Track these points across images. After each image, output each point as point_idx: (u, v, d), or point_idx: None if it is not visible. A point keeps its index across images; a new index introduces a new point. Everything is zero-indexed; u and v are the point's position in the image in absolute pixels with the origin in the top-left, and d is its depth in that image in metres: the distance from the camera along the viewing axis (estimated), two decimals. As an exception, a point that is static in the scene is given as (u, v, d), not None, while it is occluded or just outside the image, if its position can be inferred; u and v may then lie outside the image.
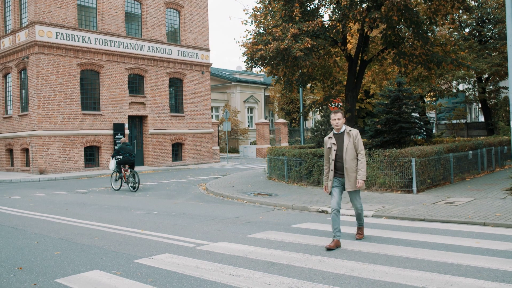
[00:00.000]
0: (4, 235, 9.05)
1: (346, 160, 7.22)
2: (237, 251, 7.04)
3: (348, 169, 7.23)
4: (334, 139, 7.40)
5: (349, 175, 7.23)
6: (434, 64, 17.19)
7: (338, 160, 7.32)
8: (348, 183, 7.25)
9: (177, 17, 31.81)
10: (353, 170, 7.23)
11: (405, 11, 14.68)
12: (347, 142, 7.28)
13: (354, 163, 7.25)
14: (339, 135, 7.38)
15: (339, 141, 7.34)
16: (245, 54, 16.49)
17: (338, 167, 7.33)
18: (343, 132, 7.37)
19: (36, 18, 24.57)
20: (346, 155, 7.22)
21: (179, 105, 31.65)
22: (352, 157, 7.23)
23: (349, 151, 7.25)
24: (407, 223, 9.13)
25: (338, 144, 7.33)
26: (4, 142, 27.72)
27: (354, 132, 7.35)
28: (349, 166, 7.22)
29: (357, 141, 7.30)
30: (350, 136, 7.32)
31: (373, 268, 5.91)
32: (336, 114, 7.34)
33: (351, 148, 7.26)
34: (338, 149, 7.32)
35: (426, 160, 13.36)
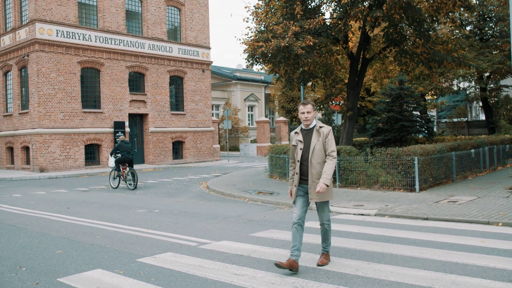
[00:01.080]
0: (5, 234, 9.01)
1: (312, 164, 5.93)
2: (240, 250, 6.99)
3: (313, 175, 5.91)
4: (301, 135, 6.14)
5: (315, 182, 5.91)
6: (435, 63, 17.13)
7: (303, 162, 6.05)
8: (313, 191, 5.95)
9: (178, 15, 31.73)
10: (319, 176, 5.91)
11: (407, 9, 14.62)
12: (315, 141, 6.00)
13: (321, 168, 5.94)
14: (307, 131, 6.12)
15: (306, 138, 6.08)
16: (246, 51, 16.44)
17: (303, 171, 6.04)
18: (312, 129, 6.10)
19: (36, 15, 24.50)
20: (312, 157, 5.94)
21: (180, 103, 31.59)
22: (320, 160, 5.95)
23: (316, 152, 5.95)
24: (411, 221, 9.08)
25: (305, 142, 6.07)
26: (4, 140, 27.67)
27: (325, 130, 6.07)
28: (315, 171, 5.91)
29: (327, 140, 6.02)
30: (319, 134, 6.01)
31: (378, 268, 5.86)
32: (305, 106, 6.07)
33: (320, 149, 5.97)
34: (305, 148, 6.06)
35: (428, 158, 13.31)
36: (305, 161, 6.00)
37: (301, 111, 6.10)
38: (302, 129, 6.18)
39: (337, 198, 12.05)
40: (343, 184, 14.34)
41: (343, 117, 29.91)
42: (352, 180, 14.18)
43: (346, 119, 18.50)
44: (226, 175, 20.75)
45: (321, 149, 5.96)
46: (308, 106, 6.06)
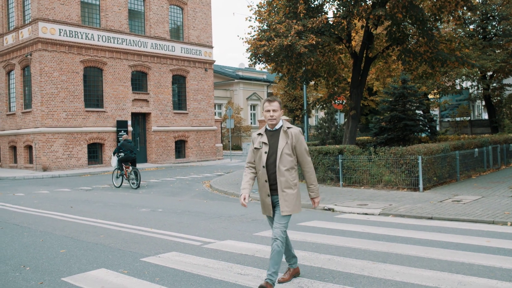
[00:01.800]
0: (9, 233, 9.00)
1: (280, 170, 5.10)
2: (244, 250, 6.97)
3: (282, 183, 5.10)
4: (265, 137, 5.25)
5: (284, 191, 5.10)
6: (438, 62, 17.06)
7: (268, 169, 5.17)
8: (283, 203, 5.10)
9: (180, 14, 31.71)
10: (289, 185, 5.13)
11: (410, 8, 14.57)
12: (283, 144, 5.14)
13: (290, 176, 5.13)
14: (273, 132, 5.24)
15: (272, 141, 5.21)
16: (249, 50, 16.40)
17: (270, 177, 5.19)
18: (279, 130, 5.23)
19: (39, 14, 24.50)
20: (280, 162, 5.09)
21: (182, 102, 31.58)
22: (288, 166, 5.11)
23: (284, 157, 5.11)
24: (415, 221, 9.05)
25: (271, 145, 5.19)
26: (7, 139, 27.69)
27: (294, 131, 5.21)
28: (284, 179, 5.10)
29: (298, 144, 5.19)
30: (287, 137, 5.17)
31: (384, 267, 5.83)
32: (271, 104, 5.20)
33: (288, 153, 5.13)
34: (270, 152, 5.18)
35: (432, 157, 13.27)
36: (271, 167, 5.14)
37: (266, 108, 5.21)
38: (267, 130, 5.29)
39: (341, 197, 12.02)
40: (346, 183, 14.31)
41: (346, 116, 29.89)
42: (356, 179, 14.15)
43: (349, 118, 18.46)
44: (229, 174, 20.73)
45: (289, 153, 5.13)
46: (274, 103, 5.19)
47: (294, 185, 5.16)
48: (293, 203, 5.14)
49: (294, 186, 5.15)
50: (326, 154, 14.93)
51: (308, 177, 5.31)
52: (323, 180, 15.03)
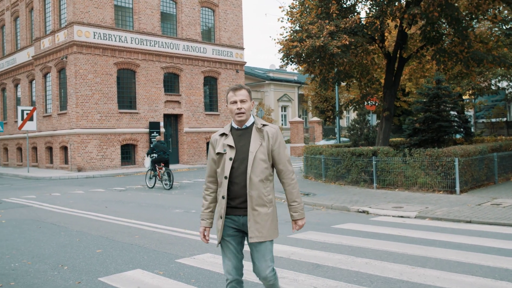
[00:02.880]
0: (47, 232, 9.16)
1: (252, 182, 3.72)
2: (279, 252, 6.91)
3: (254, 199, 3.72)
4: (231, 138, 3.86)
5: (257, 211, 3.73)
6: (474, 62, 16.64)
7: (235, 180, 3.78)
8: (254, 225, 3.73)
9: (212, 16, 31.88)
10: (263, 202, 3.75)
11: (445, 6, 14.26)
12: (256, 146, 3.78)
13: (264, 189, 3.76)
14: (242, 132, 3.88)
15: (241, 142, 3.83)
16: (281, 51, 16.35)
17: (234, 193, 3.79)
18: (251, 128, 3.88)
19: (74, 18, 24.99)
20: (252, 171, 3.73)
21: (214, 104, 31.74)
22: (262, 176, 3.76)
23: (258, 164, 3.75)
24: (453, 224, 8.83)
25: (240, 149, 3.81)
26: (44, 140, 28.32)
27: (271, 130, 3.87)
28: (256, 193, 3.73)
29: (277, 147, 3.85)
30: (262, 137, 3.83)
31: (423, 272, 5.69)
32: (238, 93, 3.86)
33: (263, 159, 3.78)
34: (239, 157, 3.79)
35: (469, 159, 12.96)
36: (239, 178, 3.74)
37: (232, 99, 3.85)
38: (233, 129, 3.91)
39: (375, 200, 11.85)
40: (380, 185, 14.10)
41: (378, 117, 29.47)
42: (390, 181, 13.93)
43: (382, 119, 18.20)
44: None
45: (265, 159, 3.77)
46: (241, 92, 3.85)
47: (269, 201, 3.77)
48: (267, 225, 3.72)
49: (269, 203, 3.77)
50: (359, 156, 14.75)
51: (289, 191, 3.90)
52: (357, 182, 14.85)
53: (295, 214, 3.95)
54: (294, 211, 3.96)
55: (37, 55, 28.55)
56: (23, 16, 31.17)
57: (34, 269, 6.44)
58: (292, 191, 3.93)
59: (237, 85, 3.95)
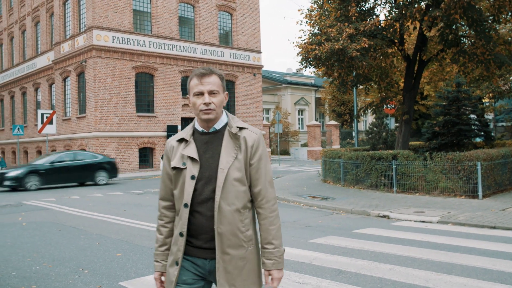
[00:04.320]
0: (67, 235, 9.19)
1: (223, 212, 2.53)
2: (301, 257, 6.81)
3: (224, 238, 2.53)
4: (194, 146, 2.66)
5: (229, 255, 2.54)
6: (495, 65, 16.37)
7: (198, 209, 2.58)
8: (224, 278, 2.54)
9: (229, 20, 31.93)
10: (239, 241, 2.56)
11: (467, 8, 14.06)
12: (229, 159, 2.58)
13: (242, 222, 2.58)
14: (209, 137, 2.68)
15: (207, 153, 2.64)
16: (300, 54, 16.27)
17: (200, 228, 2.58)
18: (222, 131, 2.68)
19: (93, 23, 25.21)
20: (222, 196, 2.54)
21: (231, 107, 31.75)
22: (238, 203, 2.57)
23: (231, 186, 2.56)
24: (476, 230, 8.65)
25: (204, 163, 2.62)
26: (63, 143, 28.58)
27: (251, 136, 2.64)
28: (228, 228, 2.54)
29: (256, 160, 2.63)
30: (239, 146, 2.62)
31: (449, 279, 5.55)
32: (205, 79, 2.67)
33: (238, 178, 2.58)
34: (203, 176, 2.59)
35: (492, 163, 12.73)
36: (205, 206, 2.56)
37: (196, 89, 2.68)
38: (196, 132, 2.74)
39: (395, 204, 11.69)
40: (400, 190, 13.92)
41: (397, 120, 29.17)
42: (410, 186, 13.74)
43: (401, 123, 18.00)
44: (278, 179, 20.60)
45: (241, 179, 2.58)
46: (211, 78, 2.66)
47: (248, 239, 2.59)
48: (244, 275, 2.56)
49: (247, 241, 2.59)
50: (379, 160, 14.59)
51: (265, 227, 2.62)
52: (376, 186, 14.68)
53: (267, 262, 2.59)
54: (267, 257, 2.59)
55: (57, 59, 28.86)
56: (43, 21, 31.56)
57: (55, 273, 6.44)
58: (269, 228, 2.61)
59: (205, 68, 2.70)
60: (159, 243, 2.77)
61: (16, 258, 7.33)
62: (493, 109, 34.44)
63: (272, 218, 2.63)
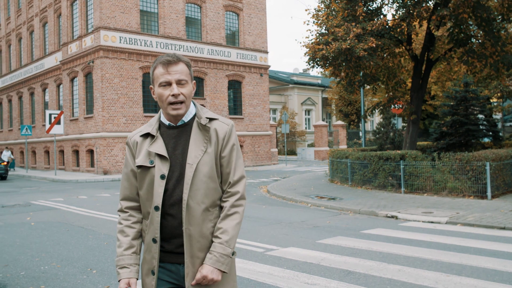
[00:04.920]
0: (75, 235, 9.21)
1: (191, 212, 2.33)
2: (309, 258, 6.79)
3: (194, 240, 2.33)
4: (161, 142, 2.44)
5: (198, 257, 2.34)
6: (504, 65, 16.25)
7: (170, 211, 2.36)
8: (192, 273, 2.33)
9: (236, 20, 31.94)
10: (209, 243, 2.38)
11: (476, 7, 13.97)
12: (198, 153, 2.38)
13: (212, 221, 2.40)
14: (177, 131, 2.46)
15: (176, 149, 2.43)
16: (307, 54, 16.24)
17: (172, 231, 2.37)
18: (190, 124, 2.47)
19: (101, 23, 25.29)
20: (190, 195, 2.33)
21: (238, 107, 31.75)
22: (208, 201, 2.38)
23: (200, 182, 2.35)
24: (486, 231, 8.59)
25: (174, 160, 2.40)
26: (70, 144, 28.70)
27: (222, 128, 2.45)
28: (197, 230, 2.34)
29: (227, 152, 2.44)
30: (209, 138, 2.42)
31: (459, 280, 5.51)
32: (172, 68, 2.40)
33: (208, 174, 2.37)
34: (173, 175, 2.38)
35: (501, 164, 12.65)
36: (176, 208, 2.36)
37: (162, 79, 2.41)
38: (163, 126, 2.52)
39: (403, 204, 11.63)
40: (408, 190, 13.86)
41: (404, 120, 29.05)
42: (418, 186, 13.67)
43: (409, 123, 17.91)
44: (285, 179, 20.58)
45: (212, 175, 2.39)
46: (178, 67, 2.42)
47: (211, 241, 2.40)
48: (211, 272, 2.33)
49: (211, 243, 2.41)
50: (387, 160, 14.54)
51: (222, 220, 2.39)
52: (384, 187, 14.62)
53: (208, 255, 2.34)
54: (210, 251, 2.35)
55: (65, 59, 28.98)
56: (51, 22, 31.69)
57: (64, 273, 6.46)
58: (223, 221, 2.37)
59: (171, 55, 2.45)
60: (125, 245, 2.46)
61: (25, 258, 7.36)
62: (501, 109, 34.22)
63: (231, 212, 2.39)
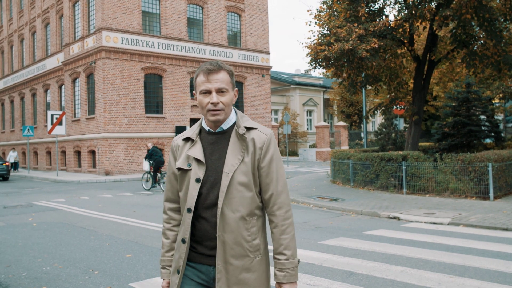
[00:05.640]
0: (77, 236, 9.21)
1: (226, 219, 2.35)
2: (311, 259, 6.78)
3: (228, 247, 2.35)
4: (200, 147, 2.47)
5: (232, 265, 2.35)
6: (506, 65, 16.22)
7: (204, 214, 2.41)
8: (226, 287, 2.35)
9: (238, 21, 31.95)
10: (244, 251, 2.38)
11: (479, 8, 13.95)
12: (234, 162, 2.39)
13: (248, 230, 2.40)
14: (216, 138, 2.48)
15: (214, 155, 2.45)
16: (309, 55, 16.23)
17: (205, 234, 2.41)
18: (230, 131, 2.48)
19: (103, 24, 25.31)
20: (226, 202, 2.36)
21: (240, 108, 31.73)
22: (244, 210, 2.38)
23: (236, 191, 2.37)
24: (488, 232, 8.57)
25: (210, 165, 2.44)
26: (72, 144, 28.72)
27: (260, 137, 2.45)
28: (232, 238, 2.36)
29: (266, 163, 2.43)
30: (246, 147, 2.42)
31: (462, 282, 5.49)
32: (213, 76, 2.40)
33: (244, 182, 2.38)
34: (209, 179, 2.42)
35: (503, 165, 12.63)
36: (210, 212, 2.40)
37: (203, 87, 2.42)
38: (203, 131, 2.54)
39: (406, 205, 11.61)
40: (410, 191, 13.83)
41: (406, 121, 29.01)
42: (420, 187, 13.65)
43: (411, 123, 17.89)
44: (287, 180, 20.54)
45: (248, 183, 2.40)
46: (220, 75, 2.41)
47: (255, 249, 2.41)
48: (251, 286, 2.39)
49: (255, 251, 2.41)
50: (389, 161, 14.51)
51: (277, 236, 2.44)
52: (386, 187, 14.60)
53: (279, 274, 2.40)
54: (279, 268, 2.40)
55: (67, 60, 29.01)
56: (53, 23, 31.73)
57: (66, 273, 6.45)
58: (281, 237, 2.42)
59: (213, 63, 2.43)
60: (166, 248, 2.59)
61: (27, 258, 7.35)
62: (504, 110, 34.21)
63: (285, 227, 2.44)
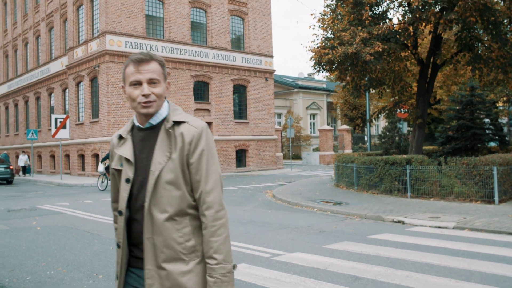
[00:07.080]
0: (81, 239, 9.20)
1: (155, 220, 2.19)
2: (316, 263, 6.75)
3: (157, 248, 2.19)
4: (130, 145, 2.33)
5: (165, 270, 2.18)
6: (510, 68, 16.18)
7: (136, 216, 2.27)
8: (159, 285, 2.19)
9: (241, 24, 31.99)
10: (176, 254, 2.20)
11: (484, 10, 13.91)
12: (162, 159, 2.21)
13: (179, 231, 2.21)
14: (145, 134, 2.32)
15: (143, 153, 2.29)
16: (313, 58, 16.23)
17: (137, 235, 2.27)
18: (158, 127, 2.30)
19: (107, 28, 25.38)
20: (153, 202, 2.20)
21: (243, 112, 31.75)
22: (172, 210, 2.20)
23: (163, 190, 2.20)
24: (494, 236, 8.52)
25: (139, 164, 2.29)
26: (76, 148, 28.77)
27: (189, 131, 2.26)
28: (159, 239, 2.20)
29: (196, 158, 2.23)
30: (174, 143, 2.24)
31: (468, 287, 5.45)
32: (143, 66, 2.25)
33: (171, 181, 2.20)
34: (138, 179, 2.27)
35: (508, 168, 12.57)
36: (140, 212, 2.26)
37: (134, 79, 2.28)
38: (135, 128, 2.39)
39: (410, 209, 11.57)
40: (414, 195, 13.78)
41: (410, 125, 28.95)
42: (425, 191, 13.60)
43: (415, 127, 17.85)
44: (290, 183, 20.53)
45: (176, 181, 2.22)
46: (150, 65, 2.27)
47: (189, 251, 2.22)
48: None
49: (189, 254, 2.22)
50: (393, 164, 14.47)
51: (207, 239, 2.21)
52: (390, 191, 14.55)
53: (210, 280, 2.18)
54: (209, 274, 2.19)
55: (70, 64, 29.09)
56: (57, 27, 31.84)
57: (70, 277, 6.44)
58: (211, 240, 2.20)
59: (143, 53, 2.29)
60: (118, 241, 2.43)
61: (31, 262, 7.35)
62: (508, 113, 34.10)
63: (215, 228, 2.20)
